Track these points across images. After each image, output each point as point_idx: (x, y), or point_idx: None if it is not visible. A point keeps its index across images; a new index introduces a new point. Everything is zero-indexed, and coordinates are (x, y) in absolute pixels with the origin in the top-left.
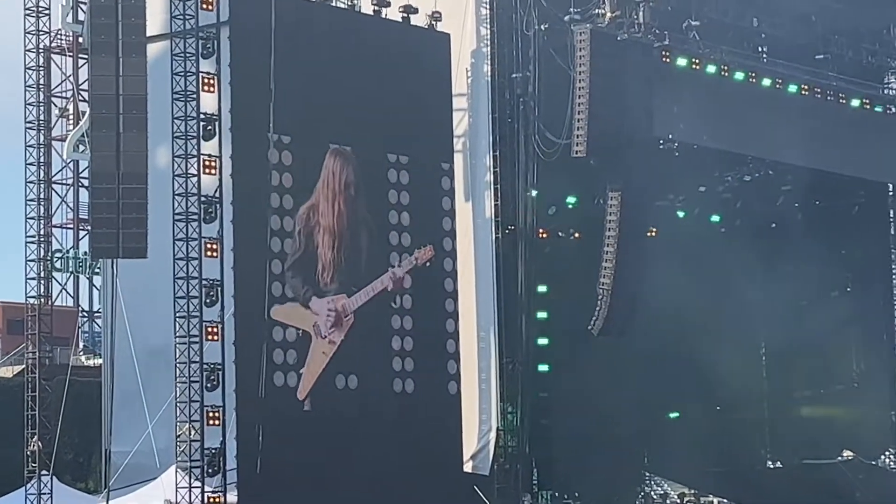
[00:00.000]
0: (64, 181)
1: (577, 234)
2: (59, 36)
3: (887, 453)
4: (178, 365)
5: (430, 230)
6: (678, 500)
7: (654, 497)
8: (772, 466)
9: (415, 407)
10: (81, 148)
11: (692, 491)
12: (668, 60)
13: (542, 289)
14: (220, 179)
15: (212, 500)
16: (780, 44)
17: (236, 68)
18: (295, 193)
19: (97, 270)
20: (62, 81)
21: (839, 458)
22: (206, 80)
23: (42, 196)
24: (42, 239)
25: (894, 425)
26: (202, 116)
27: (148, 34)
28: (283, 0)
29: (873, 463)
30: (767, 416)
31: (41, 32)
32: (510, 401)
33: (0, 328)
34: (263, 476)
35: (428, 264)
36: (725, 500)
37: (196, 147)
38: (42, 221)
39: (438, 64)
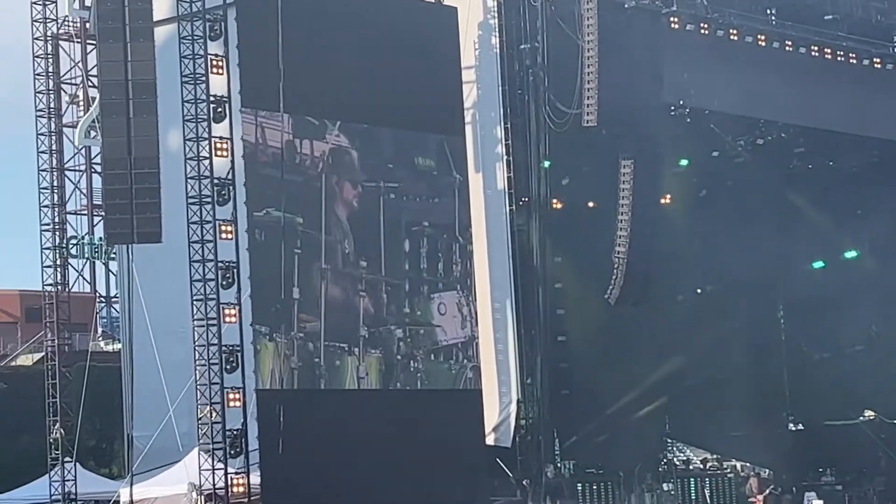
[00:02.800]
0: (76, 168)
1: (591, 204)
2: (66, 23)
3: None
4: (196, 347)
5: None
6: (701, 466)
7: (677, 463)
8: (793, 429)
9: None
10: (93, 134)
11: (714, 456)
12: (676, 26)
13: (557, 259)
14: (232, 161)
15: (235, 481)
16: (789, 6)
17: (244, 49)
18: None
19: (113, 256)
20: (71, 68)
21: (861, 418)
22: (214, 63)
23: (55, 184)
24: (57, 226)
25: None
26: (212, 99)
27: (155, 18)
28: None
29: (895, 422)
30: (787, 378)
31: (48, 20)
32: (529, 372)
33: (18, 316)
34: (286, 455)
35: None
36: (748, 464)
37: (207, 130)
38: (56, 209)
39: (446, 37)
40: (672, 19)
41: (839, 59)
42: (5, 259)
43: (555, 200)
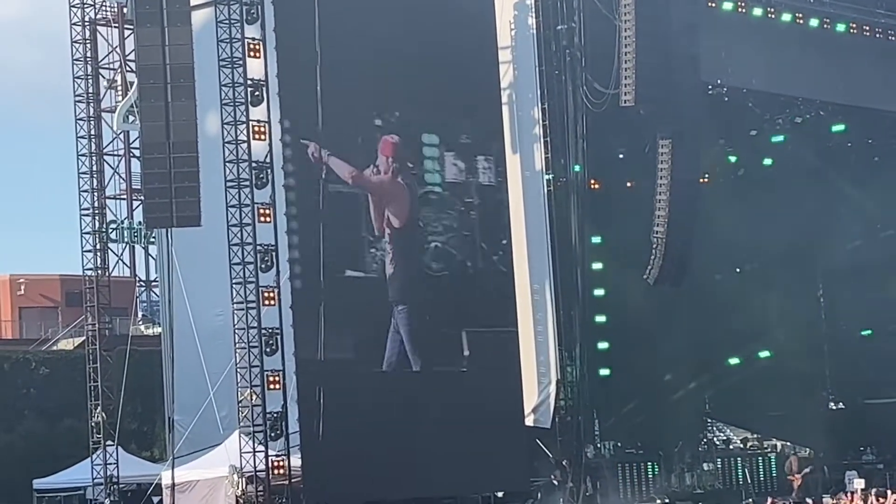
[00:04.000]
0: (115, 152)
1: (629, 184)
2: (104, 7)
3: None
4: (236, 331)
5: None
6: (741, 445)
7: (717, 443)
8: (834, 408)
9: (475, 363)
10: (131, 118)
11: (755, 435)
12: (713, 5)
13: (596, 240)
14: (270, 144)
15: (276, 463)
16: None
17: (281, 33)
18: None
19: (152, 240)
20: (109, 53)
21: None
22: (251, 46)
23: (94, 168)
24: (97, 211)
25: None
26: (249, 82)
27: (192, 2)
28: None
29: None
30: (827, 357)
31: (86, 5)
32: (568, 353)
33: (59, 301)
34: (326, 437)
35: None
36: (789, 443)
37: (245, 113)
38: (96, 194)
39: (483, 18)
40: None
41: (877, 36)
42: (46, 244)
43: (592, 181)
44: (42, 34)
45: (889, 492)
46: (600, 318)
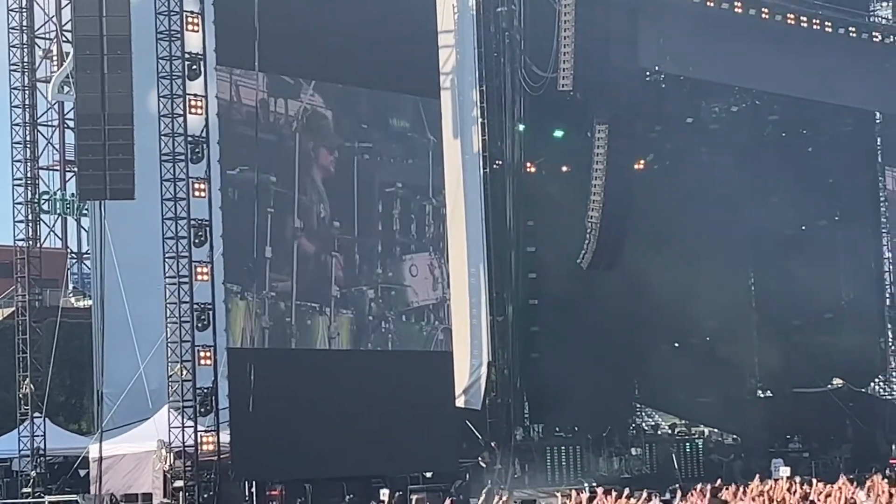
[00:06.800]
0: (50, 123)
1: (565, 168)
2: None
3: (876, 380)
4: (168, 305)
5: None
6: (669, 431)
7: (646, 428)
8: (762, 396)
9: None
10: (66, 89)
11: (683, 421)
12: None
13: (530, 223)
14: (206, 119)
15: (204, 439)
16: None
17: (220, 6)
18: None
19: (85, 212)
20: (45, 22)
21: (829, 386)
22: (189, 20)
23: (28, 138)
24: (29, 181)
25: (883, 352)
26: (187, 56)
27: None
28: None
29: (863, 390)
30: (757, 345)
31: None
32: (501, 335)
33: None
34: (255, 414)
35: None
36: (716, 430)
37: (181, 87)
38: (28, 164)
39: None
40: None
41: (815, 27)
42: None
43: (529, 164)
44: None
45: (815, 480)
46: (533, 301)
